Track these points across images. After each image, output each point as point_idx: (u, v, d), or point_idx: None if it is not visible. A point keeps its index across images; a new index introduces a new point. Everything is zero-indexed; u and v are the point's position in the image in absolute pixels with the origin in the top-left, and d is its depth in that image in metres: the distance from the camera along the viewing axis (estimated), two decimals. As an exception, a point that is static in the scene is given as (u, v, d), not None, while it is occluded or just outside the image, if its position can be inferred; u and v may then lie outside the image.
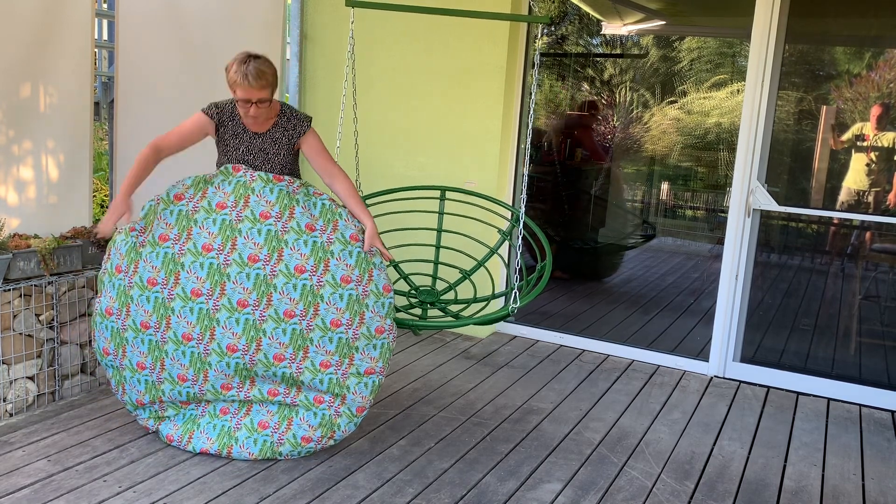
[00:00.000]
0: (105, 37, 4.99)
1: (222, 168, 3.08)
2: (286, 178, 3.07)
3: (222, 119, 3.08)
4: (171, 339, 2.95)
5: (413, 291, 3.81)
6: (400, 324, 3.29)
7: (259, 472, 2.96)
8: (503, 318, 3.29)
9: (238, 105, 2.99)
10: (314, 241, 2.98)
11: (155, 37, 4.17)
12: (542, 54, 4.61)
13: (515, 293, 3.28)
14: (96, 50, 4.65)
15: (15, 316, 3.27)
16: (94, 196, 5.11)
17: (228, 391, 3.04)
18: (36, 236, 3.49)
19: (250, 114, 2.99)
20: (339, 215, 3.07)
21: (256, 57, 2.93)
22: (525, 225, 3.45)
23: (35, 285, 3.33)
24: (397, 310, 3.51)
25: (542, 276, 3.45)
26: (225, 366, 2.96)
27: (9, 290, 3.22)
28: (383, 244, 3.12)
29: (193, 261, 2.95)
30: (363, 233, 3.07)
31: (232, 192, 3.01)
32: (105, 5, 4.79)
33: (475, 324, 3.23)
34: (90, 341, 3.62)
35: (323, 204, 3.07)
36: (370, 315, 3.03)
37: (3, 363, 3.26)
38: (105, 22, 4.89)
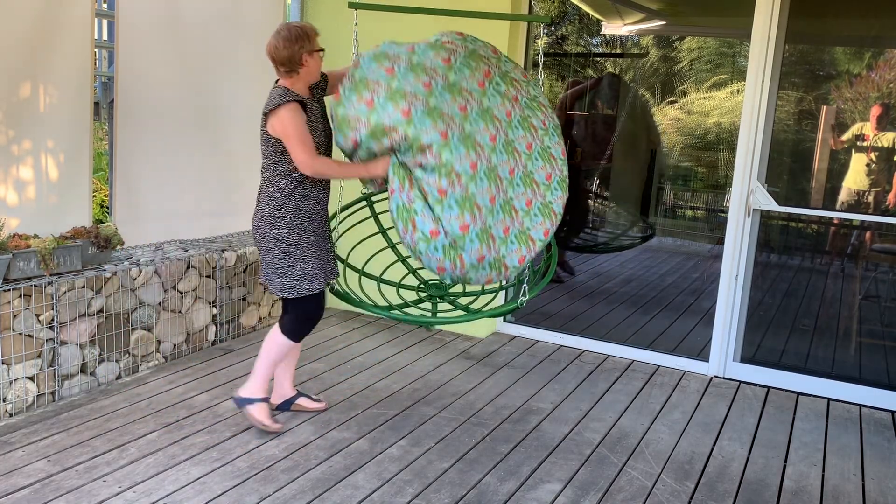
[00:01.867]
0: (105, 37, 4.99)
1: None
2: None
3: (299, 100, 3.02)
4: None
5: (422, 286, 3.81)
6: (412, 320, 3.31)
7: (259, 472, 2.96)
8: (513, 311, 3.28)
9: (317, 62, 3.05)
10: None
11: (155, 37, 4.17)
12: (544, 54, 4.61)
13: (525, 287, 3.28)
14: (96, 50, 4.65)
15: (15, 316, 3.27)
16: (94, 196, 5.11)
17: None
18: (36, 236, 3.48)
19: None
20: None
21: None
22: None
23: (35, 285, 3.33)
24: (407, 305, 3.54)
25: (549, 266, 3.47)
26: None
27: (9, 290, 3.22)
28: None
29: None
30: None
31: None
32: (105, 5, 4.79)
33: (486, 317, 3.23)
34: (90, 341, 3.62)
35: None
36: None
37: (3, 363, 3.26)
38: (105, 22, 4.89)
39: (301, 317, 3.20)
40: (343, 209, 3.58)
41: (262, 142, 3.07)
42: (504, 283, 3.17)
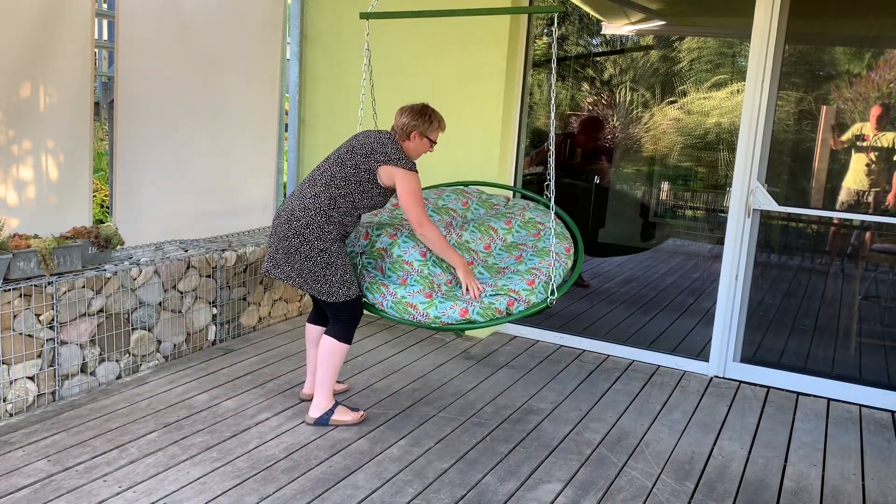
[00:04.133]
0: (105, 37, 4.99)
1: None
2: None
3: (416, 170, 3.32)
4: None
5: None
6: (445, 329, 3.35)
7: (259, 472, 2.96)
8: (543, 310, 3.44)
9: (429, 145, 3.36)
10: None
11: (155, 37, 4.17)
12: (542, 57, 4.60)
13: (553, 285, 3.33)
14: (96, 50, 4.65)
15: (15, 316, 3.27)
16: (94, 196, 5.12)
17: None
18: (36, 236, 3.48)
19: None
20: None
21: None
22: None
23: (35, 285, 3.33)
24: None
25: (576, 264, 3.52)
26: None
27: (9, 290, 3.22)
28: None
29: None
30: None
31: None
32: (105, 5, 4.79)
33: (518, 318, 3.30)
34: (90, 341, 3.62)
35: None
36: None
37: (3, 363, 3.26)
38: (105, 22, 4.89)
39: (349, 319, 3.37)
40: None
41: (352, 173, 3.22)
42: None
